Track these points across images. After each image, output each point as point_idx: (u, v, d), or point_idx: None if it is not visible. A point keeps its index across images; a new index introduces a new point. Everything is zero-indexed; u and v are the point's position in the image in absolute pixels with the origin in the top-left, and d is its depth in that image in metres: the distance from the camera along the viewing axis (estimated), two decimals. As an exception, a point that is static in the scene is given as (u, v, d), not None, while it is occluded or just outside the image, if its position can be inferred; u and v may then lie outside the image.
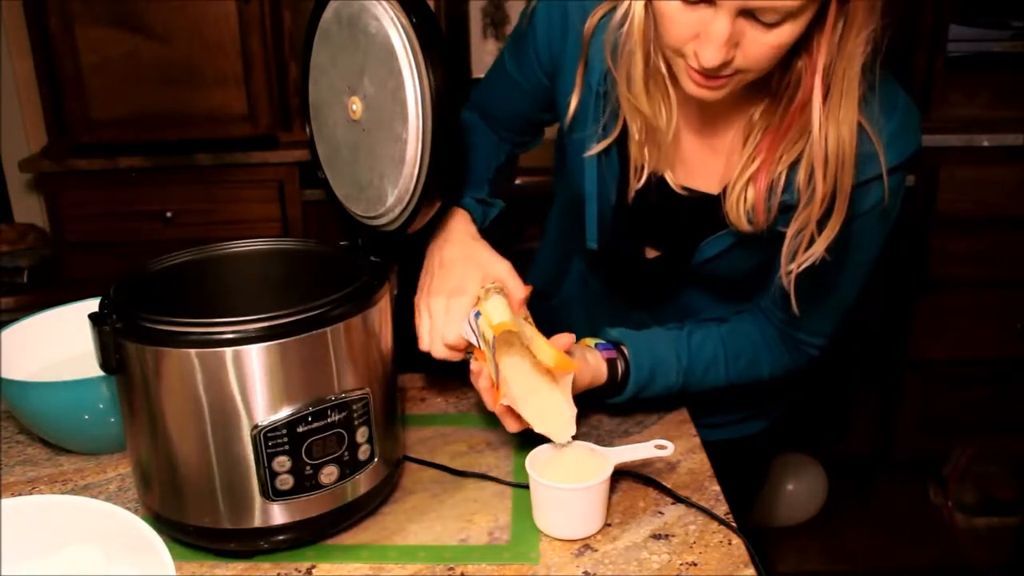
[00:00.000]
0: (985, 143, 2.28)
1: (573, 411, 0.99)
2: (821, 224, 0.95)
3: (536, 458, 0.96)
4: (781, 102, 0.97)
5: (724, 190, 1.03)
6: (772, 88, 0.98)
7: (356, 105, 0.98)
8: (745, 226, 1.02)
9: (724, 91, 0.93)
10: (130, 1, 2.23)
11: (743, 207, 1.01)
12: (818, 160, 0.93)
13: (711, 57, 0.87)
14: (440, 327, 1.02)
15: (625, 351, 1.09)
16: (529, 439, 1.01)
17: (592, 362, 1.07)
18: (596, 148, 1.08)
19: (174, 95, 2.31)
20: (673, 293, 1.19)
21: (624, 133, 1.06)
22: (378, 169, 0.98)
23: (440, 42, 0.91)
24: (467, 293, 1.02)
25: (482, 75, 1.27)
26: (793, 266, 0.98)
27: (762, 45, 0.87)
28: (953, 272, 2.39)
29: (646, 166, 1.06)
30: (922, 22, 2.28)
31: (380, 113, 0.96)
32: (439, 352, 1.03)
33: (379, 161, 0.98)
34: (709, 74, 0.90)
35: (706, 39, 0.87)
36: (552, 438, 0.98)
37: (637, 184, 1.08)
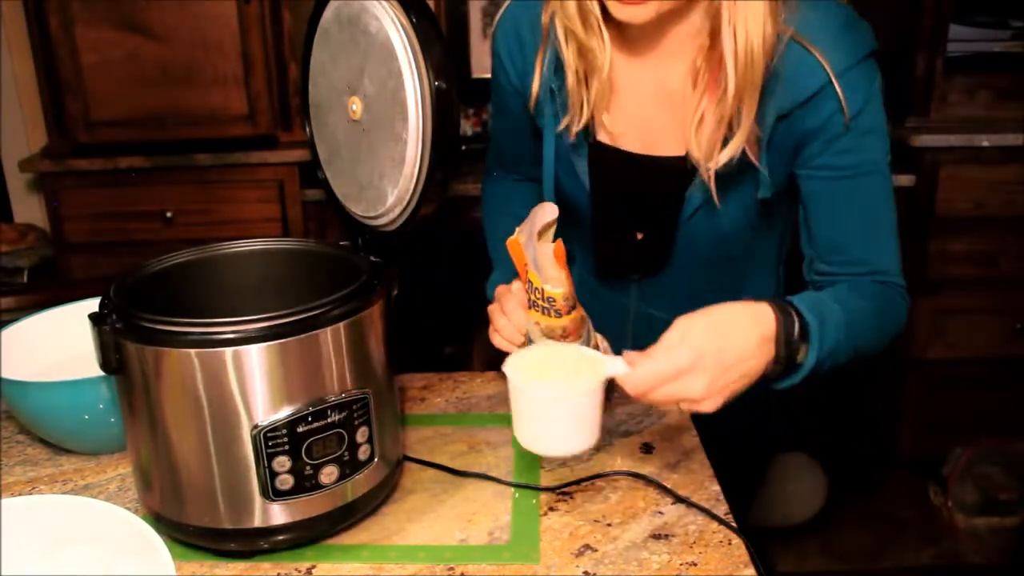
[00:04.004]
0: (985, 143, 2.27)
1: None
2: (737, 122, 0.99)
3: (517, 361, 0.88)
4: (717, 41, 0.99)
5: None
6: (708, 30, 1.00)
7: (356, 105, 0.98)
8: (708, 163, 1.02)
9: (648, 11, 0.95)
10: (130, 1, 2.23)
11: (702, 147, 1.03)
12: (728, 53, 0.96)
13: None
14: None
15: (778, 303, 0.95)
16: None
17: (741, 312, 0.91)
18: (561, 126, 1.10)
19: (174, 95, 2.31)
20: (669, 276, 1.20)
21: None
22: (378, 169, 0.98)
23: (440, 42, 0.92)
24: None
25: (482, 75, 1.28)
26: (711, 164, 1.01)
27: None
28: (952, 272, 2.38)
29: (585, 105, 1.08)
30: (922, 22, 2.27)
31: (380, 113, 0.96)
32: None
33: (379, 161, 0.98)
34: None
35: None
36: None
37: (577, 127, 1.09)
